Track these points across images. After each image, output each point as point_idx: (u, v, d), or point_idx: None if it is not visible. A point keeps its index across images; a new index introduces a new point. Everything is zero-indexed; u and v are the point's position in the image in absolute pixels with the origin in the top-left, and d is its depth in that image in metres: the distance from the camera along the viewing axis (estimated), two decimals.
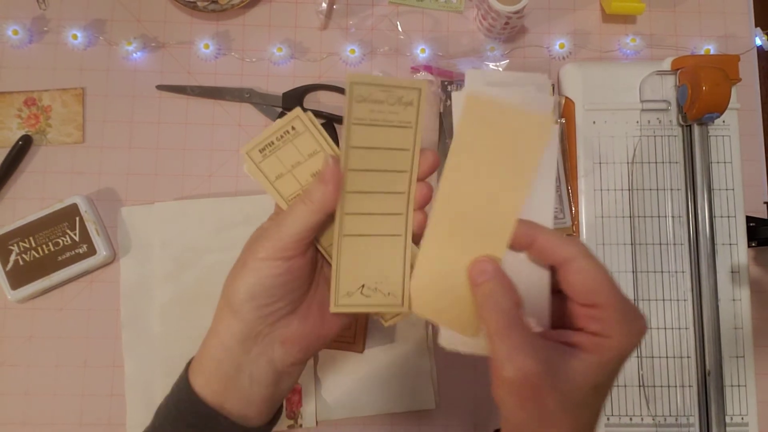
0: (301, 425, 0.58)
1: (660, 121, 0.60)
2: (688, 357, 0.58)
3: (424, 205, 0.39)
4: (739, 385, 0.57)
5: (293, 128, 0.37)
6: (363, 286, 0.39)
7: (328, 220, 0.37)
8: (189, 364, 0.40)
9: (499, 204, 0.35)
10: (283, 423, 0.58)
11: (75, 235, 0.59)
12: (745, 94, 0.64)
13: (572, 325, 0.35)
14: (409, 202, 0.39)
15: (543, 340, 0.32)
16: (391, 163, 0.38)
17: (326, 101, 0.64)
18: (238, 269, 0.37)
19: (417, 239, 0.39)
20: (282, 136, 0.37)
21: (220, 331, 0.38)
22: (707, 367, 0.57)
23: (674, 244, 0.59)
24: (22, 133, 0.62)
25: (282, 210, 0.38)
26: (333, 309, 0.38)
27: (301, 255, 0.37)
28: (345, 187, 0.37)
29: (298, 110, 0.36)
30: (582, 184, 0.60)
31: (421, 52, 0.64)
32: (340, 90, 0.64)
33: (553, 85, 0.36)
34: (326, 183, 0.36)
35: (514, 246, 0.35)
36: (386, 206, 0.38)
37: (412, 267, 0.39)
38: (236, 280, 0.37)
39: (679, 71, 0.60)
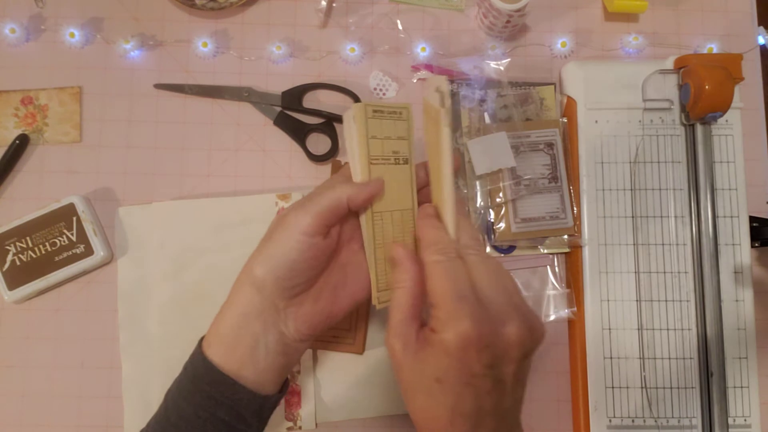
0: (300, 427, 0.58)
1: (662, 121, 0.60)
2: (690, 358, 0.57)
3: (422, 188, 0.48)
4: (742, 387, 0.57)
5: (400, 113, 0.45)
6: None
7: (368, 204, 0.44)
8: (201, 341, 0.43)
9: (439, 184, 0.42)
10: (282, 425, 0.57)
11: (72, 235, 0.58)
12: (748, 93, 0.64)
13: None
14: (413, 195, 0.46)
15: (411, 329, 0.38)
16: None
17: (326, 100, 0.64)
18: (264, 243, 0.42)
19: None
20: (392, 113, 0.44)
21: (240, 302, 0.42)
22: (710, 368, 0.56)
23: (677, 245, 0.59)
24: (19, 132, 0.61)
25: (346, 178, 0.45)
26: (378, 306, 0.44)
27: (324, 236, 0.42)
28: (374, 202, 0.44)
29: (409, 104, 0.46)
30: (584, 184, 0.59)
31: (422, 51, 0.63)
32: (340, 89, 0.63)
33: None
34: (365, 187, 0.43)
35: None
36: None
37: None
38: (261, 253, 0.42)
39: (681, 70, 0.60)
